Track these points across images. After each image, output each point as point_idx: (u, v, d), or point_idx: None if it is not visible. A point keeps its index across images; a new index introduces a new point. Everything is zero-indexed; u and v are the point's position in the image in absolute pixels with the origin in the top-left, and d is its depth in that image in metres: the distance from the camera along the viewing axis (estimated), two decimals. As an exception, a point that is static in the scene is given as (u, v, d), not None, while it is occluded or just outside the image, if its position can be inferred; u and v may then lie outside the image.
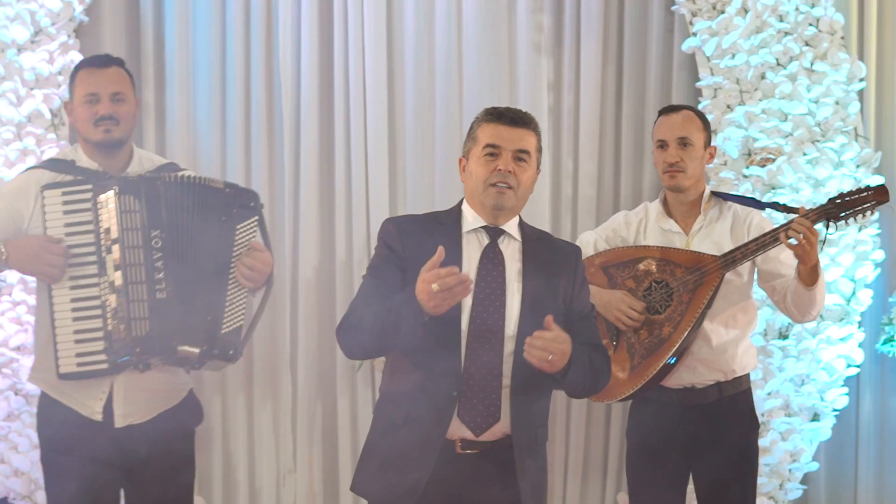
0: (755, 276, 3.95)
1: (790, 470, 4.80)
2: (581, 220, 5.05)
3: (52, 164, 3.71)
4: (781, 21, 4.81)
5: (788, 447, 4.77)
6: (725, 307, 3.88)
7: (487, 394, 3.07)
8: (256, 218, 3.69)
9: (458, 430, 3.07)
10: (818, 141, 4.78)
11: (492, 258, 3.15)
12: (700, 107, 4.90)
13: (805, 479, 4.87)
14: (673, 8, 4.98)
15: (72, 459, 3.58)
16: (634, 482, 4.02)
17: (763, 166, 4.75)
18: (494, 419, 3.08)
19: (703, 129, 3.94)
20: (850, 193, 3.70)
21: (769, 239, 3.72)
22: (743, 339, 3.94)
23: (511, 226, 3.20)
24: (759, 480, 4.72)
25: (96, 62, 3.74)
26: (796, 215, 3.69)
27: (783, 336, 4.78)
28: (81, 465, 3.57)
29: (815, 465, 4.85)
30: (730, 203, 3.99)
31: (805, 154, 4.76)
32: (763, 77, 4.82)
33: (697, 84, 4.93)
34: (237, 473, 5.06)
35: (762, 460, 4.73)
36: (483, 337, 3.07)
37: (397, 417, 3.13)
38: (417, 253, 3.06)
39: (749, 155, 4.83)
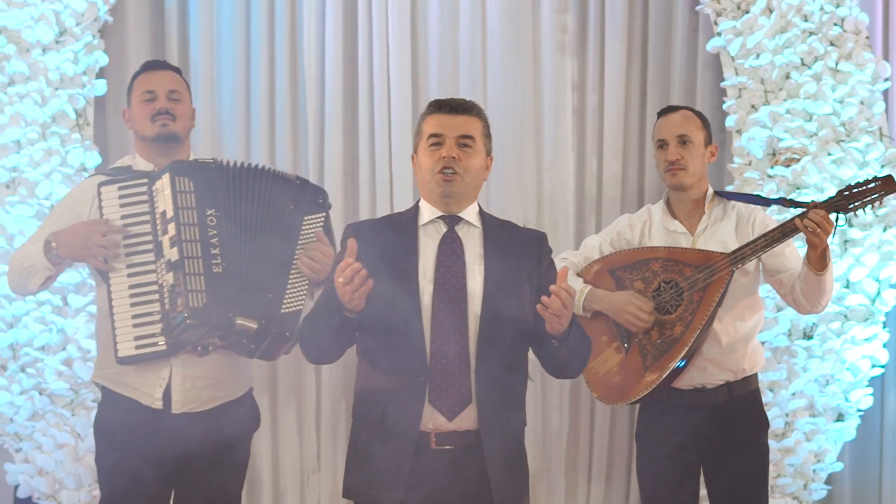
0: (760, 273, 3.95)
1: (814, 470, 4.80)
2: (605, 220, 5.03)
3: (111, 172, 3.81)
4: (806, 21, 4.81)
5: (813, 447, 4.76)
6: (733, 305, 3.88)
7: (456, 376, 3.10)
8: (324, 214, 3.73)
9: (431, 416, 3.10)
10: (843, 141, 4.77)
11: (450, 244, 3.20)
12: (724, 107, 4.91)
13: (829, 480, 4.86)
14: (697, 8, 4.98)
15: (127, 455, 3.60)
16: (647, 485, 4.02)
17: (788, 166, 4.75)
18: (466, 401, 3.10)
19: (702, 127, 3.97)
20: (858, 185, 3.74)
21: (778, 234, 3.74)
22: (751, 337, 3.95)
23: (469, 213, 3.25)
24: (784, 481, 4.74)
25: (152, 65, 3.90)
26: (805, 210, 3.70)
27: (808, 336, 4.78)
28: (136, 461, 3.60)
29: (839, 466, 4.85)
30: (733, 202, 4.00)
31: (830, 154, 4.75)
32: (788, 77, 4.81)
33: (722, 84, 4.93)
34: (261, 473, 5.06)
35: (787, 461, 4.74)
36: (447, 320, 3.11)
37: (373, 415, 3.16)
38: (374, 254, 3.12)
39: (773, 155, 4.82)
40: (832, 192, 4.67)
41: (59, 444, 4.70)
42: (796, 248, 3.98)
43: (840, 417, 4.79)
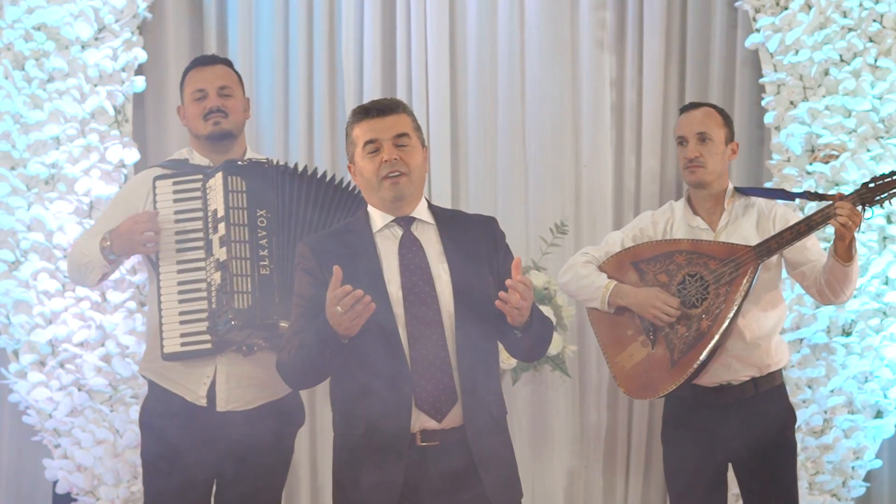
0: (782, 268, 3.94)
1: (853, 467, 4.79)
2: (643, 216, 5.05)
3: (167, 164, 3.82)
4: (845, 17, 4.80)
5: (851, 444, 4.76)
6: (756, 301, 3.86)
7: (440, 378, 3.06)
8: None
9: (419, 420, 3.06)
10: (882, 137, 4.76)
11: (409, 247, 3.15)
12: (763, 103, 4.90)
13: (868, 477, 4.85)
14: (736, 4, 4.97)
15: (171, 449, 3.62)
16: (675, 484, 4.00)
17: (826, 163, 4.74)
18: (452, 401, 3.07)
19: (723, 124, 3.95)
20: (883, 177, 3.71)
21: (804, 227, 3.71)
22: (775, 332, 3.93)
23: (420, 211, 3.20)
24: (822, 478, 4.73)
25: (202, 61, 3.87)
26: (829, 203, 3.69)
27: (846, 333, 4.77)
28: (180, 455, 3.61)
29: (878, 463, 4.84)
30: (753, 198, 3.99)
31: (869, 150, 4.74)
32: (826, 73, 4.80)
33: (761, 80, 4.92)
34: (300, 470, 5.06)
35: (825, 458, 4.73)
36: (422, 324, 3.07)
37: (355, 429, 3.10)
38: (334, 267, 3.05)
39: (812, 151, 4.81)
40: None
41: (97, 440, 4.71)
42: (817, 240, 3.97)
43: (879, 414, 4.78)
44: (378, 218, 3.18)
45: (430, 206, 3.25)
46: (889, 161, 4.71)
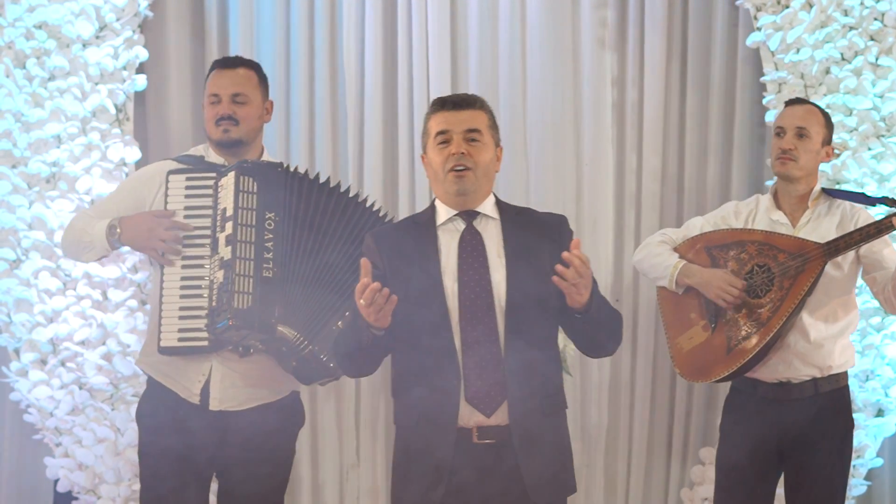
0: (859, 273, 3.96)
1: (854, 466, 4.77)
2: (645, 215, 5.04)
3: (183, 159, 3.80)
4: (846, 16, 4.79)
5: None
6: (826, 301, 3.88)
7: (490, 372, 3.09)
8: None
9: (470, 415, 3.09)
10: (883, 136, 4.76)
11: (469, 241, 3.19)
12: (764, 102, 4.89)
13: (869, 476, 4.84)
14: (737, 3, 4.96)
15: (167, 444, 3.63)
16: (723, 477, 4.00)
17: (827, 161, 4.73)
18: (502, 396, 3.09)
19: (824, 125, 4.00)
20: None
21: (873, 230, 3.73)
22: (842, 336, 3.94)
23: (486, 206, 3.23)
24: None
25: (223, 63, 3.84)
26: None
27: (847, 332, 4.77)
28: (177, 450, 3.61)
29: (879, 462, 4.83)
30: (839, 201, 4.00)
31: (870, 149, 4.74)
32: (828, 72, 4.80)
33: (762, 79, 4.91)
34: (300, 468, 5.05)
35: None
36: (475, 318, 3.10)
37: (410, 420, 3.16)
38: (397, 259, 3.15)
39: (814, 150, 4.81)
40: (872, 186, 4.69)
41: (98, 438, 4.72)
42: (895, 248, 3.97)
43: (880, 413, 4.77)
44: (442, 211, 3.22)
45: (498, 202, 3.27)
46: (890, 160, 4.70)
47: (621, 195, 5.11)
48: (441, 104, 3.21)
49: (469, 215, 3.21)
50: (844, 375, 3.96)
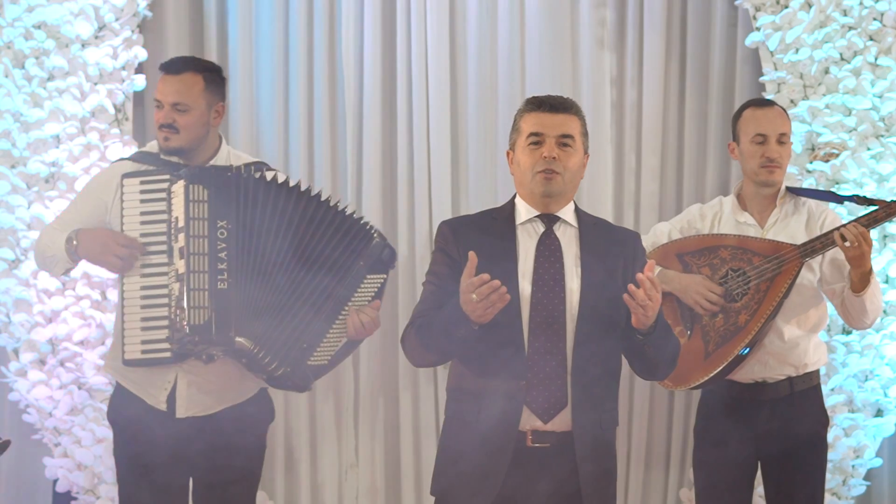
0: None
1: (853, 466, 4.79)
2: (643, 215, 5.04)
3: (138, 156, 3.78)
4: (845, 15, 4.80)
5: (852, 443, 4.76)
6: (799, 301, 3.88)
7: (553, 379, 3.09)
8: (386, 276, 3.69)
9: (527, 419, 3.09)
10: (882, 136, 4.76)
11: (548, 245, 3.18)
12: (763, 102, 4.90)
13: (868, 476, 4.85)
14: (736, 3, 4.97)
15: (140, 449, 3.62)
16: (702, 477, 4.02)
17: (827, 161, 4.74)
18: (562, 404, 3.10)
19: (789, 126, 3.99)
20: None
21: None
22: (814, 333, 3.95)
23: (566, 212, 3.22)
24: (821, 477, 4.73)
25: (167, 68, 3.73)
26: (876, 208, 3.73)
27: (846, 332, 4.76)
28: (149, 456, 3.61)
29: (878, 462, 4.84)
30: (804, 199, 4.00)
31: (869, 149, 4.74)
32: (827, 72, 4.80)
33: (761, 79, 4.92)
34: (299, 468, 5.06)
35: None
36: (545, 323, 3.10)
37: (468, 414, 3.15)
38: (474, 252, 3.08)
39: (813, 150, 4.82)
40: (871, 186, 4.69)
41: (97, 438, 4.72)
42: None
43: (879, 413, 4.78)
44: (524, 210, 3.21)
45: (577, 210, 3.26)
46: (889, 160, 4.71)
47: (620, 195, 5.11)
48: (537, 104, 3.20)
49: (550, 219, 3.20)
50: (817, 374, 3.98)
